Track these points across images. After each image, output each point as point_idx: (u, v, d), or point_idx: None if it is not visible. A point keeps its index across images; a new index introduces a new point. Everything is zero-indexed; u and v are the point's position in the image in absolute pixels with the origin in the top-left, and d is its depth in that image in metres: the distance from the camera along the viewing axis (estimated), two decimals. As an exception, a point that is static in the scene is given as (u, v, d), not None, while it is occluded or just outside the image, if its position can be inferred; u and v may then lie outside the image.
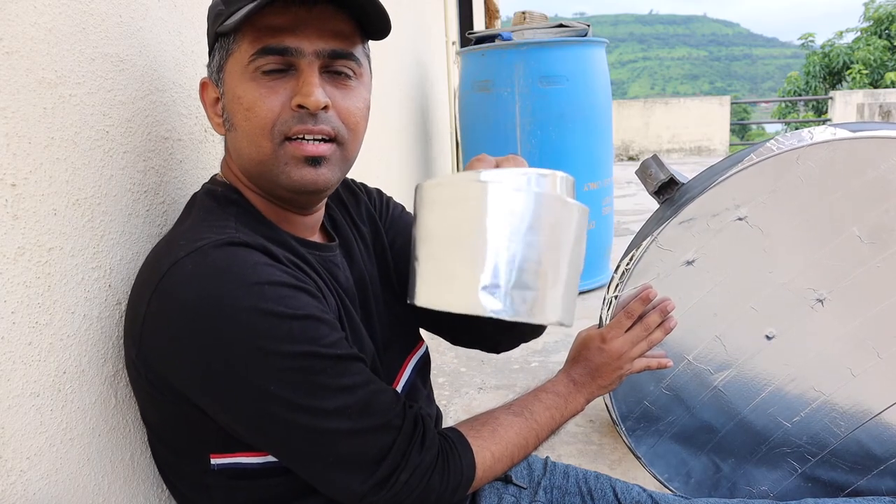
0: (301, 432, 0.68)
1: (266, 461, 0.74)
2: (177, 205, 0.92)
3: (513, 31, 3.16)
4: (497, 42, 3.14)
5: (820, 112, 15.61)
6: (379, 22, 0.75)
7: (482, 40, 3.25)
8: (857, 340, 0.99)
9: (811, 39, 19.06)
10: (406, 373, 0.93)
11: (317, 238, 0.86)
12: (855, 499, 0.97)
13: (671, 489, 1.12)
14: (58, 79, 0.69)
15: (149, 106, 0.87)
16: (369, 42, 0.81)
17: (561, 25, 3.16)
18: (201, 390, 0.69)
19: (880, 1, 16.98)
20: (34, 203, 0.66)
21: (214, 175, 0.84)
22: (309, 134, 0.73)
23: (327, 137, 0.74)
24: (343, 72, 0.75)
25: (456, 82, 3.72)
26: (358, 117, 0.77)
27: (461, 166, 4.01)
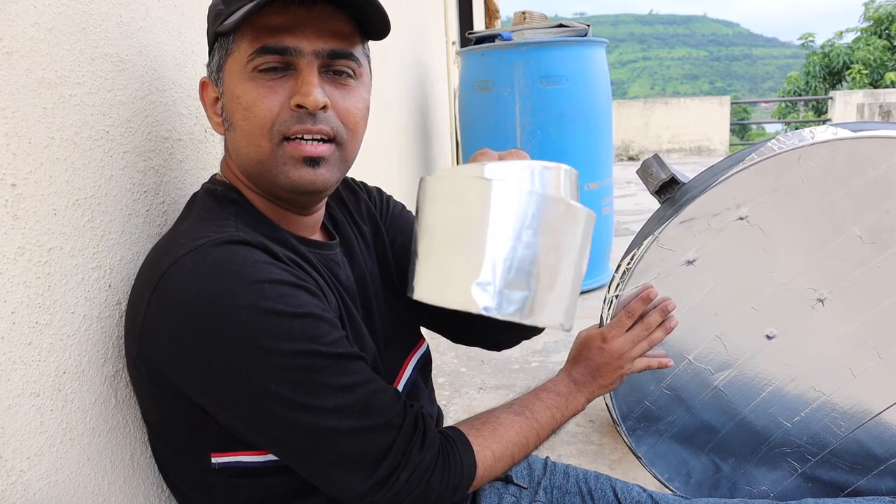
0: (301, 431, 0.68)
1: (267, 460, 0.74)
2: (177, 205, 0.91)
3: (513, 31, 3.16)
4: (497, 42, 3.14)
5: (820, 112, 15.61)
6: (378, 22, 0.75)
7: (482, 40, 3.25)
8: (858, 340, 0.99)
9: (811, 39, 19.05)
10: (407, 371, 0.93)
11: (317, 237, 0.86)
12: (855, 499, 0.98)
13: (671, 489, 1.12)
14: (58, 79, 0.69)
15: (149, 106, 0.87)
16: (369, 42, 0.81)
17: (561, 25, 3.16)
18: (201, 389, 0.69)
19: (880, 1, 16.99)
20: (34, 203, 0.66)
21: (214, 175, 0.84)
22: (308, 134, 0.73)
23: (326, 137, 0.74)
24: (342, 72, 0.75)
25: (456, 82, 3.72)
26: (357, 117, 0.77)
27: (461, 166, 3.99)
